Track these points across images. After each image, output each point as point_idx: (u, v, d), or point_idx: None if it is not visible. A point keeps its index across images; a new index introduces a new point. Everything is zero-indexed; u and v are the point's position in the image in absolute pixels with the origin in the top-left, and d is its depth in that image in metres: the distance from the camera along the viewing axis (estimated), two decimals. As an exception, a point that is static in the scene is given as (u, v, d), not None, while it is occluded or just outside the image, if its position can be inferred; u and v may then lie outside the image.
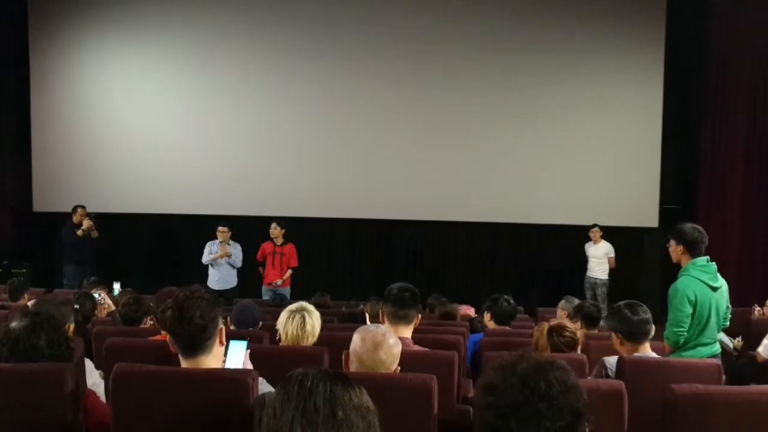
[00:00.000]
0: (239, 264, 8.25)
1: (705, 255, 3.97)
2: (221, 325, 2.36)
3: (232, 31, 9.95)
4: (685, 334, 3.84)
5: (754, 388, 2.58)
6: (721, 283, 3.97)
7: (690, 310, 3.83)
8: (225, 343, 2.41)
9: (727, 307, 4.05)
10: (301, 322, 3.34)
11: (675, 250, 4.03)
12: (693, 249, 3.95)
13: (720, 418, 2.38)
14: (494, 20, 9.90)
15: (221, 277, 8.15)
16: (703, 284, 3.88)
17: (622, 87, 9.94)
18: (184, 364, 2.32)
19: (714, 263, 3.97)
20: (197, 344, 2.28)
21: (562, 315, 5.73)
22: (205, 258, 8.19)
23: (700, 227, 4.01)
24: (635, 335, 3.23)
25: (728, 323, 4.15)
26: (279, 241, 8.23)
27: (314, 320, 3.40)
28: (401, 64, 9.89)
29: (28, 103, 10.04)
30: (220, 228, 8.19)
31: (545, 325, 3.41)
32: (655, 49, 9.77)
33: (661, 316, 4.22)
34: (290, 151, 9.98)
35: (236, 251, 8.23)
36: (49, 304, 3.74)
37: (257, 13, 9.94)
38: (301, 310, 3.42)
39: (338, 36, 9.94)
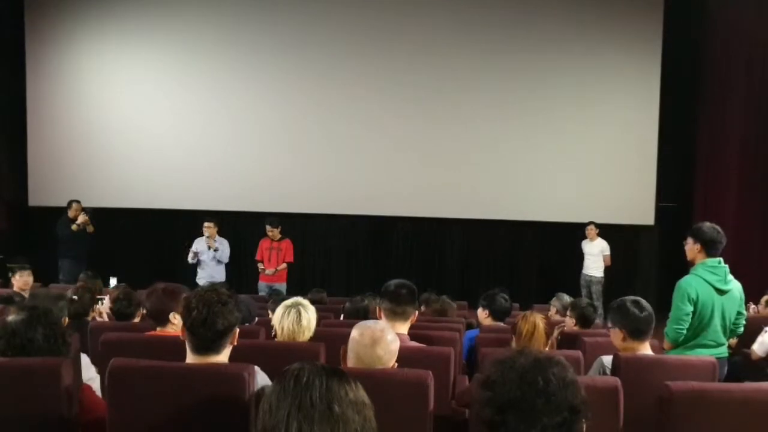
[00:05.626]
0: (226, 259, 8.17)
1: (720, 256, 3.92)
2: (237, 329, 2.39)
3: (229, 29, 9.93)
4: (684, 332, 3.83)
5: (749, 385, 2.58)
6: (732, 287, 3.92)
7: (690, 308, 3.81)
8: (236, 344, 2.43)
9: (740, 313, 4.00)
10: (297, 317, 3.33)
11: (692, 248, 3.97)
12: (710, 248, 3.90)
13: (715, 415, 2.39)
14: (492, 19, 9.90)
15: (210, 275, 8.08)
16: (708, 285, 3.85)
17: (620, 85, 9.95)
18: (191, 359, 2.33)
19: (726, 266, 3.91)
20: (211, 347, 2.32)
21: (553, 312, 5.76)
22: (190, 257, 8.14)
23: (718, 227, 3.94)
24: (641, 333, 3.18)
25: (741, 329, 4.10)
26: (276, 237, 8.22)
27: (310, 315, 3.39)
28: (399, 62, 9.89)
29: (24, 97, 10.00)
30: (206, 223, 8.13)
31: (538, 317, 3.45)
32: (653, 48, 9.79)
33: (657, 314, 4.21)
34: (287, 148, 9.97)
35: (223, 246, 8.15)
36: (44, 298, 3.73)
37: (255, 11, 9.91)
38: (297, 305, 3.41)
39: (336, 33, 9.92)
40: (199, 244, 8.13)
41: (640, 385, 2.81)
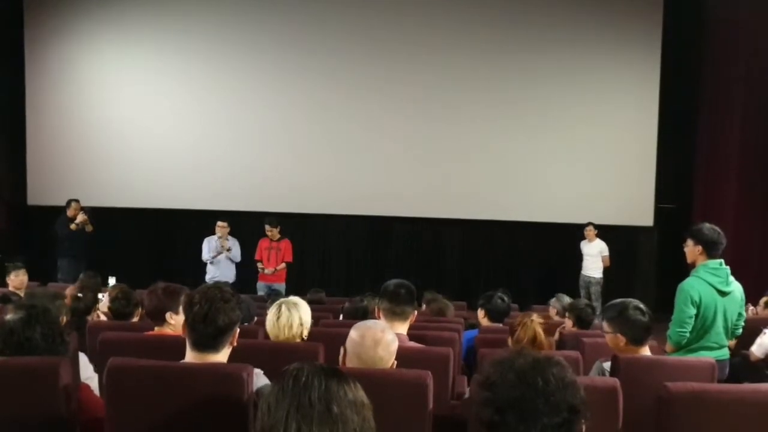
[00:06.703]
0: (238, 258, 8.28)
1: (720, 258, 3.90)
2: (237, 328, 2.39)
3: (229, 29, 9.93)
4: (688, 334, 3.80)
5: (748, 386, 2.58)
6: (733, 288, 3.89)
7: (693, 311, 3.78)
8: (236, 344, 2.43)
9: (740, 314, 3.97)
10: (288, 311, 3.32)
11: (692, 250, 3.93)
12: (711, 250, 3.87)
13: (714, 416, 2.38)
14: (491, 19, 9.90)
15: (221, 273, 8.12)
16: (711, 287, 3.82)
17: (619, 86, 9.96)
18: (190, 357, 2.33)
19: (727, 267, 3.88)
20: (210, 344, 2.32)
21: (552, 313, 5.76)
22: (206, 256, 8.18)
23: (718, 228, 3.91)
24: (642, 340, 3.16)
25: (740, 331, 4.07)
26: (275, 237, 8.23)
27: (302, 306, 3.38)
28: (399, 62, 9.89)
29: (23, 96, 9.99)
30: (219, 223, 8.22)
31: (536, 321, 3.42)
32: (652, 49, 9.79)
33: (655, 315, 4.20)
34: (287, 148, 9.97)
35: (234, 246, 8.25)
36: (42, 297, 3.72)
37: (255, 11, 9.91)
38: (286, 301, 3.40)
39: (336, 33, 9.93)
40: (209, 244, 8.16)
41: (639, 385, 2.80)
